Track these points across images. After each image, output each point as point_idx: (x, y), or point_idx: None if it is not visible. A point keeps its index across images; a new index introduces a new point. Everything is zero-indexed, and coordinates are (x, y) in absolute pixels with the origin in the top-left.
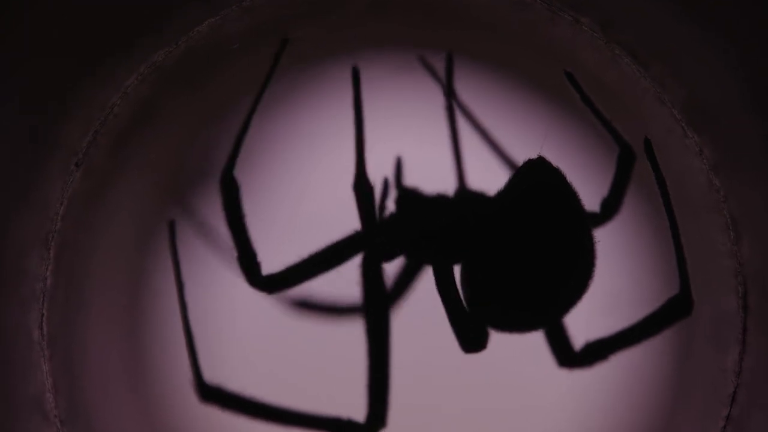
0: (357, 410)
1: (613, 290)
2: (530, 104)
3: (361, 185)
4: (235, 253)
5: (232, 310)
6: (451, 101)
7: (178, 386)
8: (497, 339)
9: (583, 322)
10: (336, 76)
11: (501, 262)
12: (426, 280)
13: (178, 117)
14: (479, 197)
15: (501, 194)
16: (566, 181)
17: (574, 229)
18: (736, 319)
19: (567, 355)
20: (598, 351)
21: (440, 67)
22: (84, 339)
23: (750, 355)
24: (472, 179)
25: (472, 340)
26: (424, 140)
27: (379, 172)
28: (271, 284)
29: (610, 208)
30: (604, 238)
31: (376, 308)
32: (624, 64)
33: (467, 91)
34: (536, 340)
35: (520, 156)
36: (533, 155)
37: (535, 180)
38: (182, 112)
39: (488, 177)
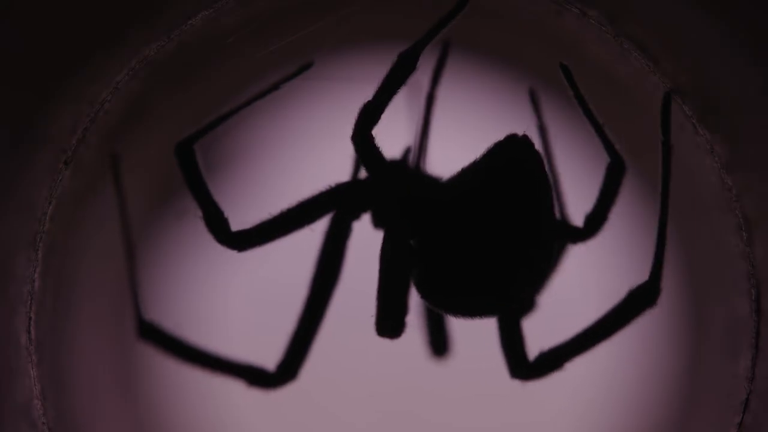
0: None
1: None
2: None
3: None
4: (199, 213)
5: (225, 302)
6: (434, 90)
7: (168, 392)
8: (496, 349)
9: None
10: (334, 68)
11: (456, 242)
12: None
13: (171, 113)
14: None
15: (473, 168)
16: (543, 168)
17: (535, 221)
18: (749, 323)
19: (521, 366)
20: (553, 360)
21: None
22: (73, 344)
23: (763, 361)
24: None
25: (390, 323)
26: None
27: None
28: (240, 241)
29: (594, 223)
30: (605, 236)
31: (330, 266)
32: (633, 59)
33: (470, 81)
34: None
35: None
36: (519, 131)
37: (511, 159)
38: (175, 108)
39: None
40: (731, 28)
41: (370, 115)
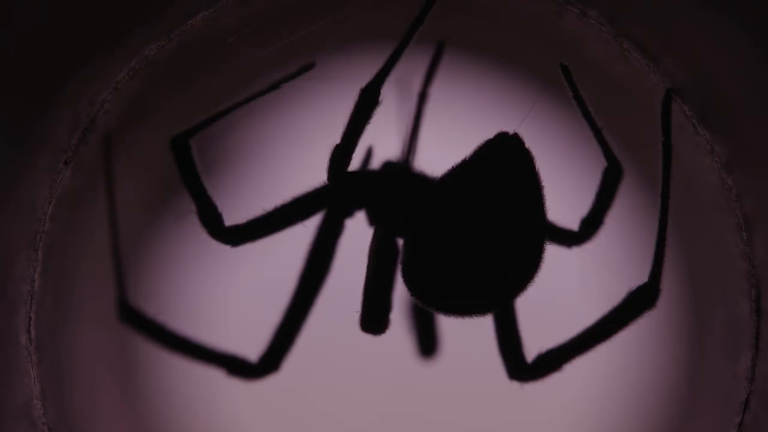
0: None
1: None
2: (535, 97)
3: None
4: (194, 208)
5: (224, 300)
6: (427, 89)
7: (168, 392)
8: (495, 349)
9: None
10: (335, 68)
11: (446, 240)
12: None
13: (171, 113)
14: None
15: (462, 166)
16: (534, 168)
17: (524, 222)
18: (749, 323)
19: (519, 368)
20: (552, 361)
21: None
22: (73, 344)
23: (763, 360)
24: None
25: (374, 319)
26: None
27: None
28: (234, 236)
29: (590, 227)
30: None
31: (320, 262)
32: (633, 59)
33: (469, 81)
34: (539, 349)
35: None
36: (510, 129)
37: (501, 159)
38: (175, 108)
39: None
40: (731, 27)
41: (341, 155)
